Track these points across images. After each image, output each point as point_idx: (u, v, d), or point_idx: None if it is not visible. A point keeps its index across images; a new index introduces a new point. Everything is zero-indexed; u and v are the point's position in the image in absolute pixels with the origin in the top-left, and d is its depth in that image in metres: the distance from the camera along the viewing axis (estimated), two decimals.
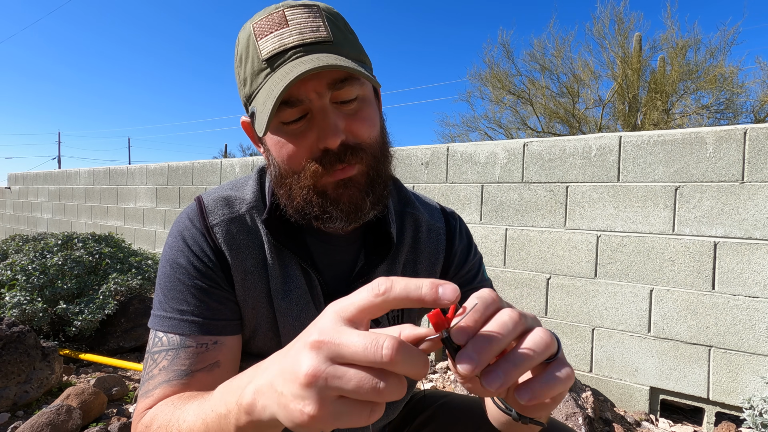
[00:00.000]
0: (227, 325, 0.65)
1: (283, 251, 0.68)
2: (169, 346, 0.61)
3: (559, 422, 0.76)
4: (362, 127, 0.61)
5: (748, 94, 9.10)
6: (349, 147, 0.59)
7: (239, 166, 4.11)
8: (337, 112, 0.59)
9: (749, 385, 1.93)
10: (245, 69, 0.61)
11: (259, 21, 0.59)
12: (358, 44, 0.63)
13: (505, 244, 2.59)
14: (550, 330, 0.53)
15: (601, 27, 9.79)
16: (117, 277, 2.87)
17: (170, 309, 0.63)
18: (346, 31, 0.62)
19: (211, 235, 0.66)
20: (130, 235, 5.10)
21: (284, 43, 0.57)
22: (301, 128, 0.59)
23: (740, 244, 1.95)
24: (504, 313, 0.35)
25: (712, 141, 2.02)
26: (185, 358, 0.60)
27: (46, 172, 6.89)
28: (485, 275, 0.82)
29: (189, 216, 0.68)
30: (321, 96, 0.57)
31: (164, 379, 0.59)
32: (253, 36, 0.59)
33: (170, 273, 0.65)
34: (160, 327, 0.63)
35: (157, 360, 0.61)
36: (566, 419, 1.85)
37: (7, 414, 1.87)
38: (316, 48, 0.57)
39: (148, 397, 0.59)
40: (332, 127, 0.57)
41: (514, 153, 2.56)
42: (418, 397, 0.89)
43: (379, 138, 0.64)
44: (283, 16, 0.58)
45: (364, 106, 0.61)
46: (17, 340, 1.99)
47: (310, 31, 0.57)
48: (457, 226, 0.81)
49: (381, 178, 0.64)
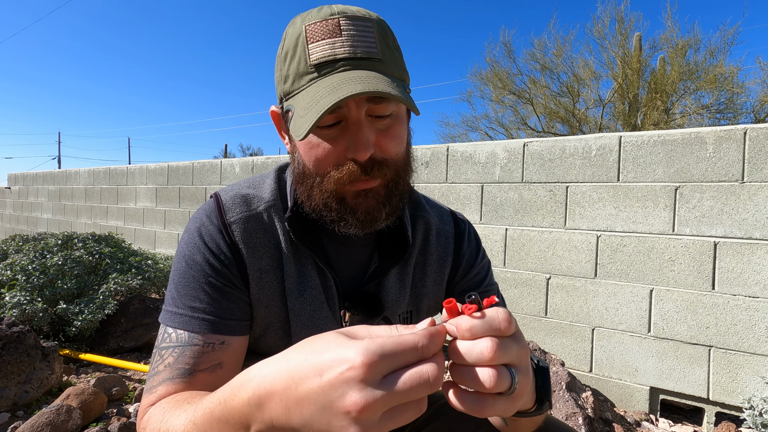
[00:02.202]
0: (237, 325, 0.65)
1: (300, 251, 0.69)
2: (177, 343, 0.62)
3: (559, 421, 0.76)
4: (391, 144, 0.62)
5: (748, 94, 9.11)
6: (376, 162, 0.60)
7: (239, 166, 4.11)
8: (370, 126, 0.60)
9: (749, 385, 1.93)
10: (289, 66, 0.61)
11: (313, 24, 0.59)
12: (401, 62, 0.65)
13: (505, 244, 2.59)
14: (537, 365, 0.56)
15: (601, 27, 9.79)
16: (117, 277, 2.87)
17: (182, 305, 0.63)
18: (394, 48, 0.63)
19: (228, 232, 0.66)
20: (130, 235, 5.10)
21: (335, 53, 0.58)
22: (334, 134, 0.60)
23: (740, 244, 1.95)
24: (489, 349, 0.38)
25: (712, 141, 2.02)
26: (190, 356, 0.61)
27: (46, 172, 6.89)
28: (492, 280, 0.83)
29: (207, 213, 0.68)
30: (359, 107, 0.58)
31: (168, 376, 0.60)
32: (303, 37, 0.59)
33: (185, 269, 0.65)
34: (171, 323, 0.63)
35: (164, 356, 0.61)
36: (566, 419, 1.85)
37: (7, 414, 1.87)
38: (364, 64, 0.58)
39: (152, 394, 0.60)
40: (364, 142, 0.58)
41: (514, 153, 2.56)
42: None
43: (405, 155, 0.66)
44: (338, 25, 0.58)
45: (396, 123, 0.63)
46: (17, 340, 1.99)
47: (363, 46, 0.58)
48: (466, 230, 0.82)
49: (399, 191, 0.65)
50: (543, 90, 10.55)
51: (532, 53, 10.61)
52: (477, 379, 0.38)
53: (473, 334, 0.39)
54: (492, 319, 0.39)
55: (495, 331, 0.39)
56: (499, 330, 0.39)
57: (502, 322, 0.39)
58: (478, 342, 0.39)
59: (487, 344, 0.38)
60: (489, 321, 0.39)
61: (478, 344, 0.38)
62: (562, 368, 2.08)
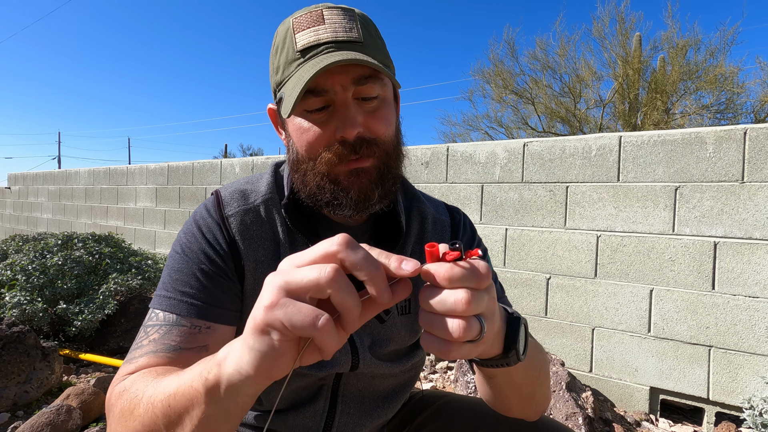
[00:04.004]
0: (225, 313, 0.66)
1: (296, 240, 0.70)
2: (163, 322, 0.62)
3: (558, 422, 0.76)
4: (379, 125, 0.64)
5: (749, 94, 9.11)
6: (365, 140, 0.63)
7: (239, 166, 4.11)
8: (357, 107, 0.63)
9: (749, 385, 1.93)
10: (279, 58, 0.65)
11: (299, 17, 0.64)
12: (385, 50, 0.68)
13: (505, 244, 2.59)
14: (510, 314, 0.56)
15: (601, 27, 9.79)
16: (117, 277, 2.88)
17: (172, 290, 0.64)
18: (377, 36, 0.67)
19: (226, 225, 0.69)
20: (130, 235, 5.10)
21: (318, 38, 0.62)
22: (323, 118, 0.63)
23: (740, 244, 1.95)
24: (461, 299, 0.39)
25: (712, 141, 2.02)
26: (177, 335, 0.61)
27: (46, 172, 6.89)
28: (490, 266, 0.83)
29: (207, 207, 0.71)
30: (345, 89, 0.61)
31: (152, 349, 0.60)
32: (291, 29, 0.64)
33: (179, 257, 0.67)
34: (159, 305, 0.64)
35: (149, 333, 0.62)
36: (566, 419, 1.85)
37: (7, 414, 1.88)
38: (347, 46, 0.62)
39: (132, 363, 0.59)
40: (351, 119, 0.61)
41: (514, 153, 2.56)
42: (417, 398, 0.89)
43: (394, 138, 0.68)
44: (321, 14, 0.63)
45: (383, 106, 0.65)
46: (17, 340, 1.99)
47: (344, 31, 0.62)
48: (461, 219, 0.84)
49: (391, 174, 0.67)
50: (544, 90, 10.55)
51: (533, 53, 10.61)
52: (446, 329, 0.39)
53: (451, 282, 0.39)
54: (473, 270, 0.39)
55: (472, 283, 0.39)
56: (477, 283, 0.39)
57: (482, 276, 0.40)
58: (453, 293, 0.39)
59: (462, 296, 0.38)
60: (470, 272, 0.39)
61: (453, 295, 0.38)
62: (562, 368, 2.08)
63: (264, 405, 0.73)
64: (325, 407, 0.73)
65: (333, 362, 0.69)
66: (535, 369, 0.62)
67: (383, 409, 0.77)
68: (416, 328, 0.76)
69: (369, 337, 0.72)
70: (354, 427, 0.74)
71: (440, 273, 0.39)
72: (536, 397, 0.66)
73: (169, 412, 0.46)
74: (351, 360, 0.69)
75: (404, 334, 0.74)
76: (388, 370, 0.73)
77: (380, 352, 0.72)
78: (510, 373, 0.56)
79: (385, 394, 0.78)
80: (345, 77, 0.61)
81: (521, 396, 0.64)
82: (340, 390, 0.73)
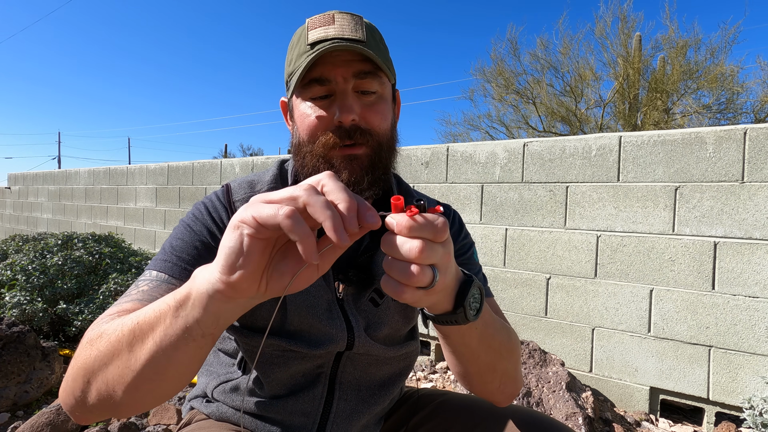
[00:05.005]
0: None
1: None
2: (155, 279, 0.65)
3: (558, 422, 0.76)
4: (375, 118, 0.70)
5: (749, 93, 9.09)
6: (360, 129, 0.69)
7: (239, 166, 4.11)
8: (356, 98, 0.69)
9: (749, 385, 1.93)
10: (293, 52, 0.73)
11: (314, 19, 0.72)
12: (387, 54, 0.76)
13: (505, 244, 2.59)
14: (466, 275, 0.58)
15: (602, 27, 9.78)
16: (117, 277, 2.88)
17: (170, 255, 0.68)
18: (380, 41, 0.74)
19: (232, 209, 0.74)
20: (130, 235, 5.11)
21: (327, 34, 0.69)
22: (325, 105, 0.70)
23: (740, 244, 1.95)
24: (414, 248, 0.44)
25: (712, 141, 2.02)
26: (165, 291, 0.63)
27: (46, 172, 6.89)
28: (475, 258, 0.87)
29: (216, 193, 0.78)
30: (346, 80, 0.68)
31: (138, 297, 0.62)
32: (305, 29, 0.71)
33: (182, 229, 0.72)
34: (155, 266, 0.67)
35: (140, 285, 0.65)
36: (566, 419, 1.85)
37: (7, 414, 1.88)
38: (351, 42, 0.68)
39: (117, 307, 0.61)
40: (348, 106, 0.67)
41: (514, 153, 2.56)
42: (416, 396, 0.89)
43: (388, 133, 0.73)
44: (332, 17, 0.71)
45: (380, 101, 0.72)
46: (17, 340, 1.99)
47: (350, 31, 0.69)
48: (450, 213, 0.89)
49: (382, 164, 0.72)
50: (545, 89, 10.54)
51: (534, 53, 10.60)
52: (401, 272, 0.44)
53: (410, 232, 0.43)
54: (429, 223, 0.44)
55: (429, 235, 0.44)
56: (433, 235, 0.44)
57: (438, 229, 0.44)
58: (409, 241, 0.44)
59: (417, 245, 0.43)
60: (427, 224, 0.44)
61: (408, 243, 0.43)
62: (562, 368, 2.08)
63: (265, 391, 0.74)
64: (323, 393, 0.74)
65: (330, 338, 0.71)
66: (493, 340, 0.65)
67: (379, 397, 0.79)
68: (410, 315, 0.80)
69: (364, 320, 0.75)
70: (351, 413, 0.76)
71: (401, 223, 0.44)
72: (497, 372, 0.68)
73: (136, 329, 0.50)
74: (347, 338, 0.72)
75: (398, 319, 0.78)
76: (383, 353, 0.76)
77: (374, 334, 0.75)
78: (463, 336, 0.60)
79: (381, 382, 0.80)
80: (346, 70, 0.68)
81: (479, 365, 0.66)
82: (338, 377, 0.75)
